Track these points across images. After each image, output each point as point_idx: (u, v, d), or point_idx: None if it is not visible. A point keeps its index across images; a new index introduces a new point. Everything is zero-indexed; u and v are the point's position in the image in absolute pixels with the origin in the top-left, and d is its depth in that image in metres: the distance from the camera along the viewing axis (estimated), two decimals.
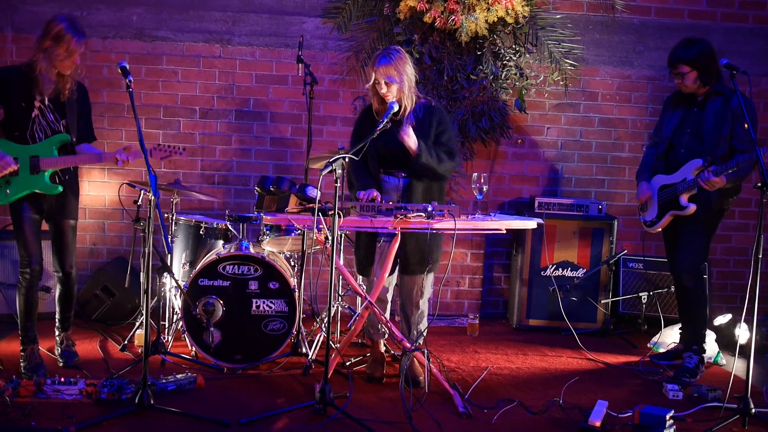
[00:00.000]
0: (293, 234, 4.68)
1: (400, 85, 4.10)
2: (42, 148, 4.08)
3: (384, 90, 4.10)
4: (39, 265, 4.17)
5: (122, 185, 4.83)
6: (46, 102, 4.10)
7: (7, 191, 4.05)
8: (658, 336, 5.18)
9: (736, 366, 4.17)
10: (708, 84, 4.42)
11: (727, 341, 5.17)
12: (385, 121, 3.91)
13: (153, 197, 3.58)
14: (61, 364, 4.30)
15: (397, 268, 4.27)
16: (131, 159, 4.13)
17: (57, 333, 4.44)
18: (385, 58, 4.09)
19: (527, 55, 5.75)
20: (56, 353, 4.38)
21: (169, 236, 4.69)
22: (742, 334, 4.72)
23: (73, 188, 4.31)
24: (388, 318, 4.33)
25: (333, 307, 4.56)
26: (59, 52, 3.97)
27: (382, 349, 4.40)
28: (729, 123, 4.38)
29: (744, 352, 4.24)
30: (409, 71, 4.15)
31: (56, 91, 4.11)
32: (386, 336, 4.35)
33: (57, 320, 4.43)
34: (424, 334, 4.32)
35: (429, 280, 4.34)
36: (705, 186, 4.30)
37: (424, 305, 4.33)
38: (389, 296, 4.36)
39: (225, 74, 5.77)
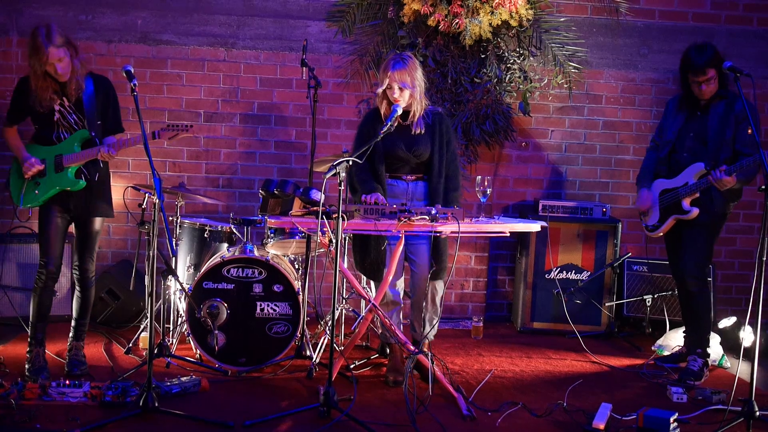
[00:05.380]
0: (297, 237, 4.69)
1: (412, 91, 4.16)
2: (65, 147, 4.21)
3: (396, 95, 4.14)
4: (56, 268, 4.24)
5: (127, 188, 4.83)
6: (66, 104, 4.19)
7: (36, 192, 4.20)
8: (662, 339, 5.17)
9: (741, 369, 4.16)
10: (723, 86, 4.42)
11: (731, 344, 5.15)
12: (389, 124, 3.94)
13: (157, 200, 3.60)
14: (66, 371, 4.29)
15: (413, 269, 4.32)
16: (113, 151, 4.20)
17: (69, 341, 4.41)
18: (400, 63, 4.15)
19: (531, 58, 5.75)
20: (65, 360, 4.37)
21: (174, 239, 4.70)
22: (747, 336, 4.71)
23: (102, 189, 4.37)
24: (400, 321, 4.36)
25: (337, 310, 4.56)
26: (39, 61, 4.03)
27: (401, 353, 4.40)
28: (732, 127, 4.38)
29: (748, 355, 4.24)
30: (420, 77, 4.23)
31: (66, 95, 4.18)
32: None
33: (72, 327, 4.43)
34: (436, 326, 4.39)
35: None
36: (716, 185, 4.28)
37: (438, 303, 4.39)
38: (398, 298, 4.36)
39: (229, 78, 5.79)
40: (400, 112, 4.06)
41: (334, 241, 3.68)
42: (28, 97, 4.15)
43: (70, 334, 4.41)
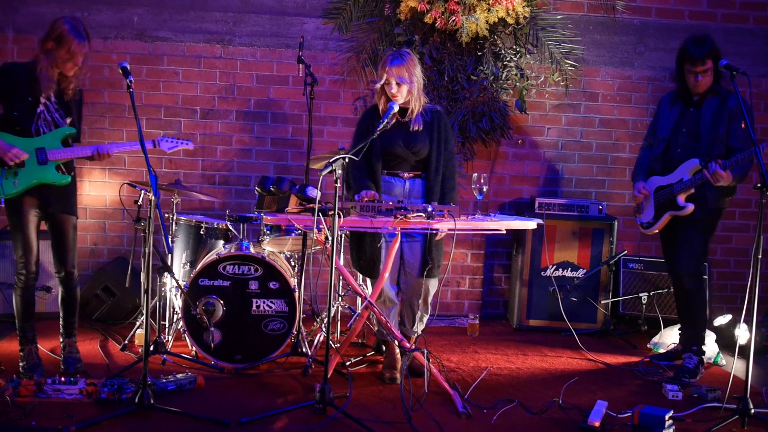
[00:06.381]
0: (293, 234, 4.69)
1: (410, 87, 4.17)
2: (47, 140, 4.10)
3: (394, 90, 4.16)
4: (36, 267, 4.15)
5: (123, 185, 4.84)
6: (52, 99, 4.12)
7: (15, 182, 4.05)
8: (658, 336, 5.18)
9: (736, 366, 4.17)
10: (716, 80, 4.43)
11: (726, 342, 5.17)
12: (385, 121, 3.93)
13: (153, 197, 3.59)
14: (62, 370, 4.25)
15: (405, 268, 4.33)
16: (111, 151, 4.18)
17: (61, 339, 4.35)
18: (398, 59, 4.17)
19: (528, 56, 5.75)
20: (60, 357, 4.34)
21: (170, 236, 4.70)
22: (742, 334, 4.72)
23: (75, 188, 4.31)
24: (396, 319, 4.37)
25: (333, 307, 4.57)
26: (61, 53, 4.01)
27: (397, 351, 4.41)
28: (726, 123, 4.39)
29: (744, 352, 4.24)
30: (419, 74, 4.24)
31: (59, 91, 4.13)
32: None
33: (60, 325, 4.34)
34: (425, 322, 4.42)
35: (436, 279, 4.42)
36: (710, 179, 4.28)
37: (430, 302, 4.41)
38: (394, 295, 4.36)
39: (226, 74, 5.78)
40: (396, 109, 4.06)
41: (330, 238, 3.68)
42: (26, 81, 4.04)
43: (61, 332, 4.34)
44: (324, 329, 4.43)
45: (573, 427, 3.70)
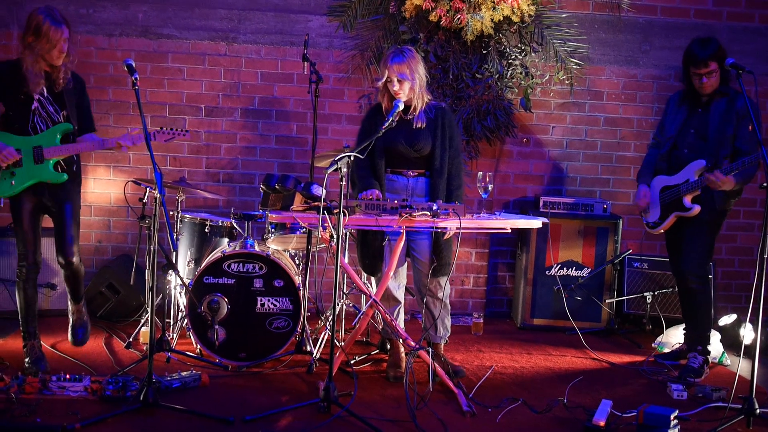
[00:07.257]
0: (298, 232, 4.69)
1: (412, 84, 4.15)
2: (44, 138, 4.08)
3: (396, 87, 4.14)
4: (35, 258, 4.16)
5: (128, 183, 4.84)
6: (45, 94, 4.09)
7: (12, 182, 4.05)
8: (662, 336, 5.18)
9: (741, 366, 4.16)
10: (724, 82, 4.41)
11: (731, 341, 5.16)
12: (390, 119, 3.93)
13: (158, 195, 3.59)
14: (69, 338, 4.32)
15: (416, 266, 4.33)
16: (137, 142, 4.14)
17: (69, 305, 4.40)
18: (399, 56, 4.15)
19: (533, 54, 5.74)
20: (69, 324, 4.38)
21: (175, 234, 4.69)
22: (747, 334, 4.71)
23: (76, 179, 4.30)
24: (402, 318, 4.37)
25: (338, 305, 4.56)
26: (42, 44, 3.97)
27: (402, 349, 4.40)
28: (733, 124, 4.37)
29: (749, 352, 4.24)
30: (421, 71, 4.21)
31: (50, 83, 4.10)
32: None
33: (68, 297, 4.40)
34: (449, 326, 4.43)
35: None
36: (710, 184, 4.28)
37: (446, 299, 4.37)
38: (399, 294, 4.36)
39: (230, 72, 5.78)
40: (401, 107, 4.05)
41: (335, 236, 3.68)
42: (15, 79, 4.02)
43: (68, 298, 4.38)
44: (328, 327, 4.44)
45: (578, 426, 3.69)
